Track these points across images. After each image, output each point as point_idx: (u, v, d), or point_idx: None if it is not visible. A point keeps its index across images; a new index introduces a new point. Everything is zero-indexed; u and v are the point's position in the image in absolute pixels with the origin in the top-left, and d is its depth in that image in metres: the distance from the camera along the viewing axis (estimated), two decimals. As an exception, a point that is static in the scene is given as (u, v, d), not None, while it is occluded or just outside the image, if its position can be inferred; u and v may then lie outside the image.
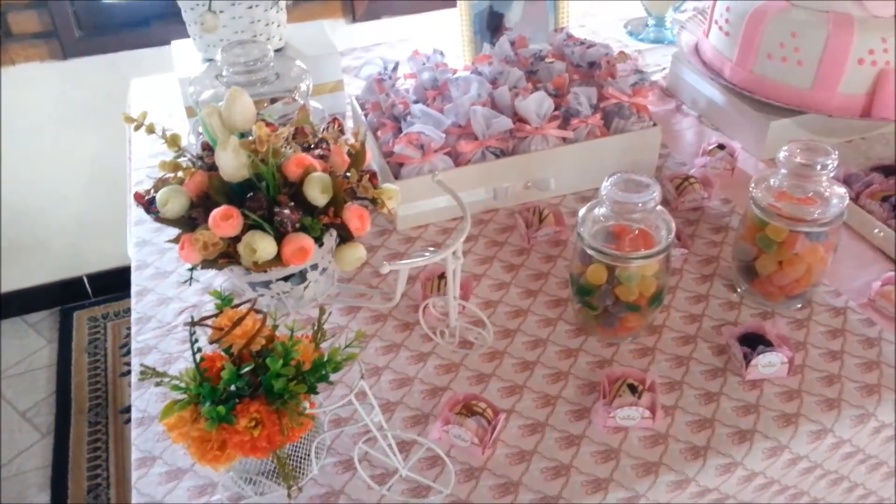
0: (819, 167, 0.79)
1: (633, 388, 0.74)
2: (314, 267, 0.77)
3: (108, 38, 1.99)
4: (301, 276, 0.76)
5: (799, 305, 0.87)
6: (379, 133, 1.05)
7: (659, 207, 0.79)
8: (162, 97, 1.36)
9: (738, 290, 0.90)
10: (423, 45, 1.51)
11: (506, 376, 0.81)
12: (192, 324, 0.58)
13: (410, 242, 1.00)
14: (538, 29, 1.42)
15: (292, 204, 0.69)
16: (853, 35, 1.04)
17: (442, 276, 0.88)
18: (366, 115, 1.12)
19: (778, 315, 0.87)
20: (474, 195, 1.04)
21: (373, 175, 0.77)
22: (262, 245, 0.66)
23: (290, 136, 0.74)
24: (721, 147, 1.12)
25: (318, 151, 0.77)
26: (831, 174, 0.81)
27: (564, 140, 1.05)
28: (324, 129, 0.80)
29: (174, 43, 1.28)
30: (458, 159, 1.02)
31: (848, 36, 1.04)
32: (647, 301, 0.80)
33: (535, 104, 1.02)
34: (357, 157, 0.79)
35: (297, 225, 0.69)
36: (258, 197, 0.70)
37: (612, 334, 0.84)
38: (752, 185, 0.84)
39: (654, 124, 1.08)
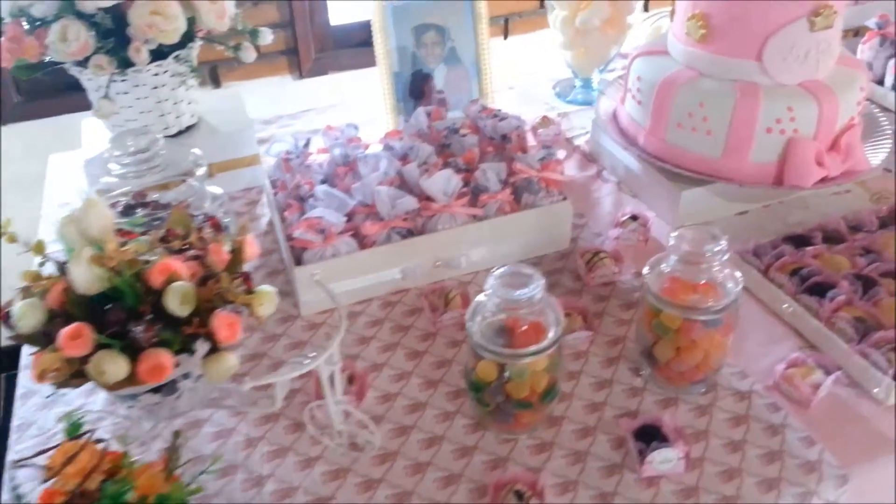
0: (707, 254, 0.78)
1: (519, 495, 0.71)
2: (186, 375, 0.73)
3: (49, 102, 1.95)
4: (172, 387, 0.73)
5: (703, 390, 0.85)
6: (286, 214, 1.03)
7: (550, 298, 0.77)
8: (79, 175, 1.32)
9: (642, 373, 0.88)
10: (356, 108, 1.51)
11: (396, 481, 0.77)
12: (18, 464, 0.55)
13: (315, 329, 0.97)
14: (464, 94, 1.42)
15: (150, 317, 0.66)
16: (759, 104, 1.04)
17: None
18: (275, 195, 1.09)
19: (682, 401, 0.85)
20: (382, 275, 1.01)
21: (246, 277, 0.74)
22: (111, 367, 0.63)
23: (155, 241, 0.71)
24: (634, 218, 1.11)
25: (192, 253, 0.74)
26: (723, 258, 0.79)
27: (475, 217, 1.03)
28: (199, 229, 0.77)
29: (84, 122, 1.25)
30: (364, 240, 1.00)
31: (754, 105, 1.04)
32: (540, 397, 0.77)
33: (442, 182, 1.00)
34: (236, 255, 0.76)
35: (155, 340, 0.66)
36: (116, 310, 0.67)
37: (508, 430, 0.81)
38: (647, 269, 0.82)
39: (564, 198, 1.07)
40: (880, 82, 1.48)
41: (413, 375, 0.89)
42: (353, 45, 2.12)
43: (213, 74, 2.06)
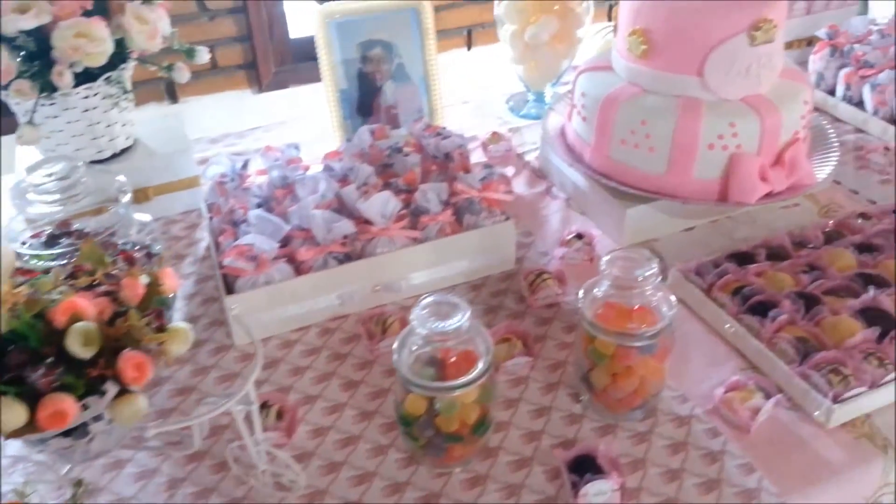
0: (639, 278, 0.76)
1: (446, 536, 0.69)
2: (97, 417, 0.70)
3: None
4: (83, 430, 0.70)
5: (641, 417, 0.83)
6: (220, 239, 1.00)
7: (479, 327, 0.75)
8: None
9: (582, 399, 0.86)
10: (305, 125, 1.48)
11: (322, 522, 0.74)
12: None
13: (248, 360, 0.94)
14: (414, 110, 1.40)
15: (51, 360, 0.63)
16: (701, 120, 1.03)
17: (264, 406, 0.82)
18: (211, 219, 1.06)
19: (620, 427, 0.83)
20: (320, 302, 0.98)
21: (159, 313, 0.71)
22: (8, 415, 0.60)
23: (58, 278, 0.68)
24: (579, 237, 1.09)
25: (103, 288, 0.71)
26: (656, 281, 0.77)
27: (415, 239, 1.01)
28: (112, 263, 0.74)
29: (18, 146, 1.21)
30: (300, 266, 0.97)
31: (696, 121, 1.03)
32: (471, 429, 0.75)
33: (380, 204, 0.98)
34: (152, 289, 0.73)
35: (56, 384, 0.62)
36: (17, 353, 0.63)
37: (441, 464, 0.78)
38: (581, 294, 0.80)
39: (507, 218, 1.05)
40: (832, 92, 1.48)
41: (347, 407, 0.87)
42: (313, 59, 2.09)
43: (169, 90, 2.02)
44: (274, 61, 2.07)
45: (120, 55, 1.08)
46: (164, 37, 1.11)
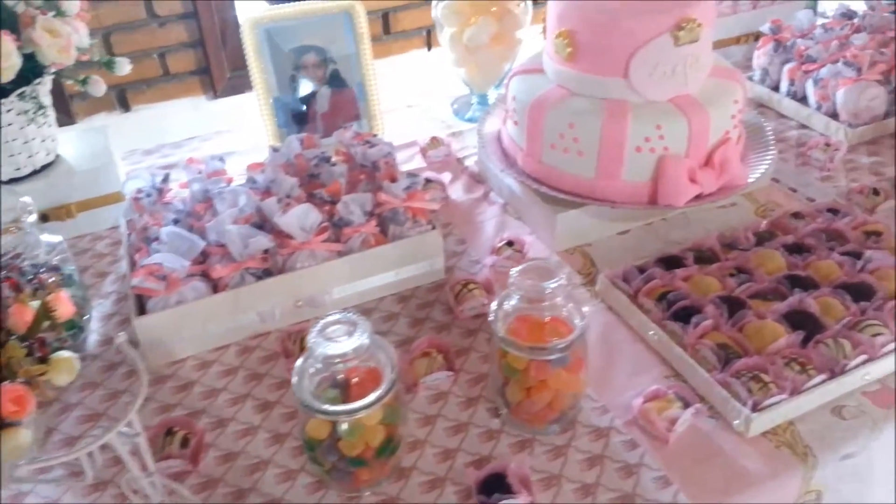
0: (547, 290, 0.74)
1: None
2: (-21, 454, 0.67)
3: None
4: (-36, 466, 0.67)
5: (558, 430, 0.81)
6: (136, 257, 0.97)
7: (383, 344, 0.73)
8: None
9: (501, 414, 0.83)
10: (244, 134, 1.45)
11: (223, 553, 0.72)
12: None
13: (161, 384, 0.91)
14: (351, 117, 1.37)
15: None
16: (627, 123, 1.01)
17: (169, 432, 0.80)
18: (129, 236, 1.03)
19: (538, 441, 0.81)
20: (241, 319, 0.96)
21: (42, 343, 0.68)
22: None
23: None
24: (510, 244, 1.07)
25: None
26: (566, 292, 0.75)
27: (339, 252, 0.99)
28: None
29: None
30: (217, 284, 0.94)
31: (622, 124, 1.01)
32: (375, 452, 0.73)
33: (299, 217, 0.95)
34: (40, 317, 0.70)
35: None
36: None
37: (349, 488, 0.76)
38: (492, 308, 0.78)
39: (433, 227, 1.02)
40: (776, 88, 1.47)
41: (260, 430, 0.84)
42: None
43: (121, 98, 1.99)
44: (227, 67, 2.03)
45: (34, 69, 1.05)
46: (80, 49, 1.08)
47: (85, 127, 1.56)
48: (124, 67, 1.15)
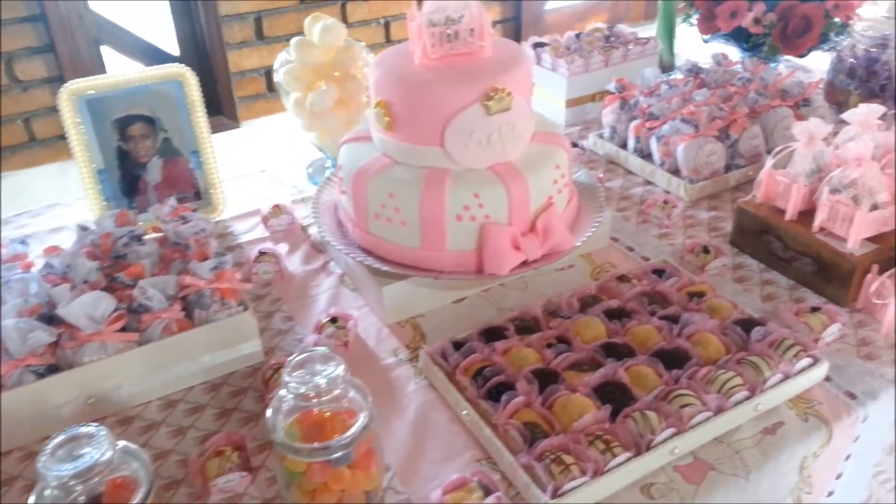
0: (322, 383, 0.69)
1: None
2: None
3: None
4: None
5: (352, 533, 0.75)
6: None
7: (136, 452, 0.66)
8: None
9: (294, 518, 0.77)
10: (70, 210, 1.37)
11: None
12: None
13: (-79, 501, 0.81)
14: (187, 187, 1.31)
15: None
16: (445, 192, 0.99)
17: None
18: None
19: (332, 547, 0.74)
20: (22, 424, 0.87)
21: None
22: None
23: None
24: (334, 320, 1.02)
25: None
26: (342, 383, 0.71)
27: (137, 342, 0.91)
28: None
29: None
30: (-5, 384, 0.85)
31: (441, 193, 0.99)
32: (128, 579, 0.65)
33: (86, 306, 0.88)
34: None
35: None
36: None
37: None
38: (269, 411, 0.72)
39: (245, 309, 0.97)
40: (624, 145, 1.49)
41: (22, 552, 0.75)
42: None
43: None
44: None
45: None
46: None
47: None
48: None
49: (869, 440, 0.94)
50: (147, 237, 1.05)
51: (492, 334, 0.96)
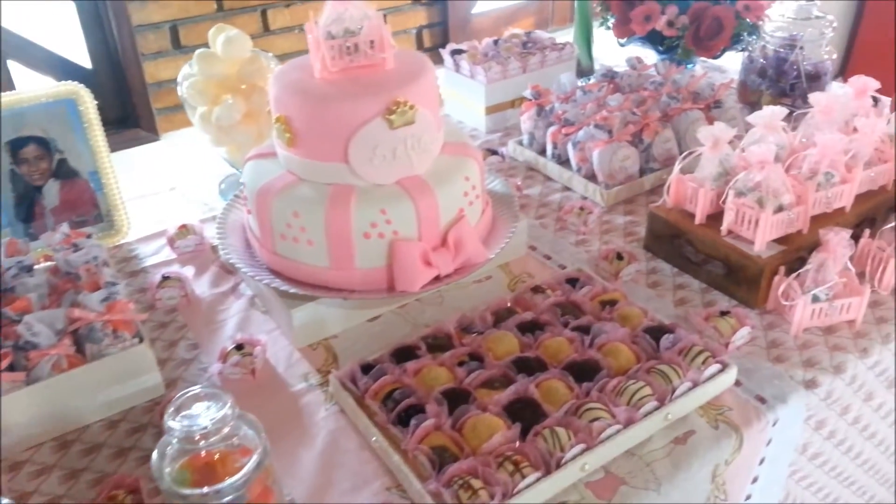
0: (209, 423, 0.65)
1: None
2: None
3: None
4: None
5: (252, 576, 0.72)
6: None
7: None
8: None
9: (192, 563, 0.73)
10: None
11: None
12: None
13: None
14: (88, 209, 1.25)
15: None
16: (351, 209, 0.96)
17: None
18: None
19: (231, 593, 0.71)
20: None
21: None
22: None
23: None
24: (239, 347, 0.98)
25: None
26: (231, 421, 0.67)
27: (28, 381, 0.85)
28: None
29: None
30: None
31: (346, 210, 0.96)
32: None
33: (-36, 348, 0.82)
34: None
35: None
36: None
37: None
38: (155, 456, 0.68)
39: (140, 341, 0.92)
40: (543, 152, 1.49)
41: None
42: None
43: None
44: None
45: None
46: None
47: None
48: None
49: (782, 442, 0.95)
50: (38, 267, 0.99)
51: (403, 354, 0.93)
